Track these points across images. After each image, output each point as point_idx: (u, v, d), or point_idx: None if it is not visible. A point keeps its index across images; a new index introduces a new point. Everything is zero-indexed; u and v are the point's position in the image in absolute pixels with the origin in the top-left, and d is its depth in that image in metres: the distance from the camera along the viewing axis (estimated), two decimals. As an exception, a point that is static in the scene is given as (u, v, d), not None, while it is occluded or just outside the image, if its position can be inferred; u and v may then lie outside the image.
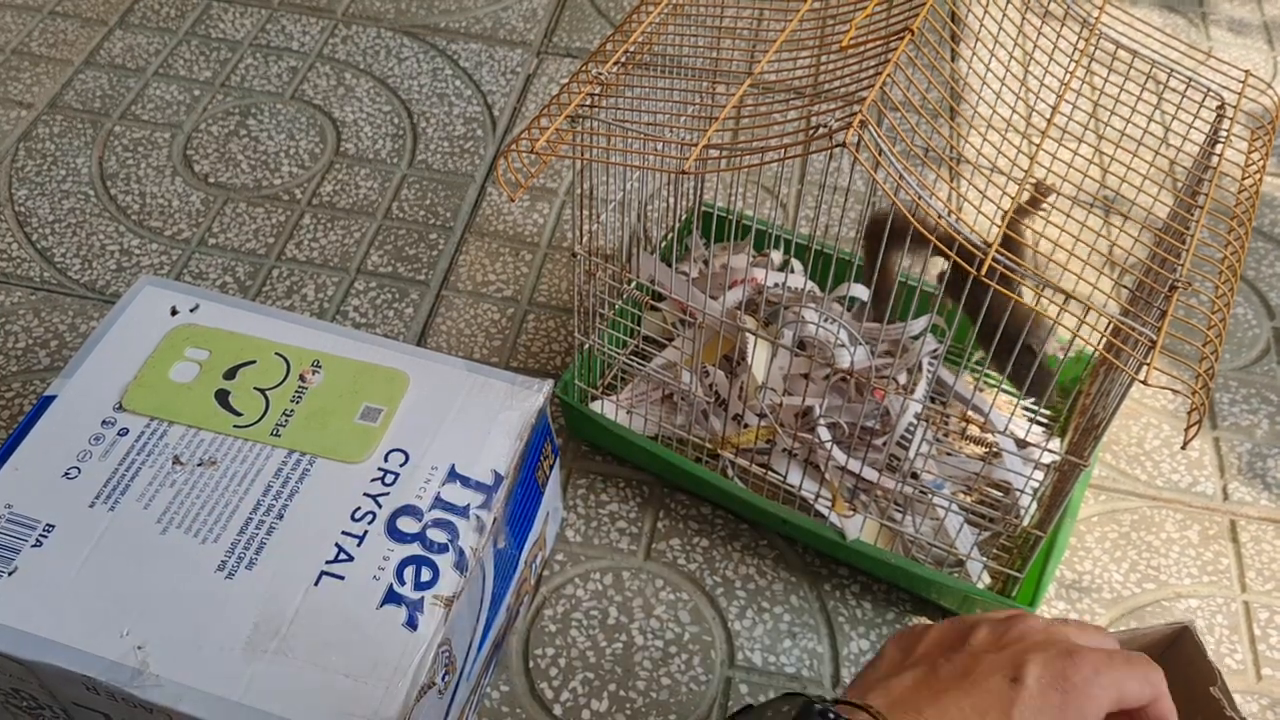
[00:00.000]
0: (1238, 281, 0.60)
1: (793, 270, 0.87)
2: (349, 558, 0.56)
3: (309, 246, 0.98)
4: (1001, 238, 0.56)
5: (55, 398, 0.62)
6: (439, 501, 0.59)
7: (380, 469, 0.60)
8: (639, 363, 0.82)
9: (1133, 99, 0.70)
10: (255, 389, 0.62)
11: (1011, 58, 0.68)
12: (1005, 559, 0.75)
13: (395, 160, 1.07)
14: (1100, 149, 0.71)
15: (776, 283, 0.83)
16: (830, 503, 0.75)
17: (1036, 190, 0.71)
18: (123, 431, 0.60)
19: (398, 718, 0.51)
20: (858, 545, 0.73)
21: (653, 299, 0.84)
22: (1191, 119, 0.68)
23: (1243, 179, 0.66)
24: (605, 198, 0.75)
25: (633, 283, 0.82)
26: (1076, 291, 0.55)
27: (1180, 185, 0.74)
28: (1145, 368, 0.54)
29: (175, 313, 0.67)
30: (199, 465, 0.59)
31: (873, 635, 0.75)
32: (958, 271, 0.57)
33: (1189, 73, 0.69)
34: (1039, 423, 0.82)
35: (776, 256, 0.89)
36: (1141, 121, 0.71)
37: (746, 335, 0.77)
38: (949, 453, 0.79)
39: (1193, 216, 0.61)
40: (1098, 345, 0.63)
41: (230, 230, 0.99)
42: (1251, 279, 1.01)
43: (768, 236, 0.90)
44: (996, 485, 0.77)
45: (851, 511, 0.74)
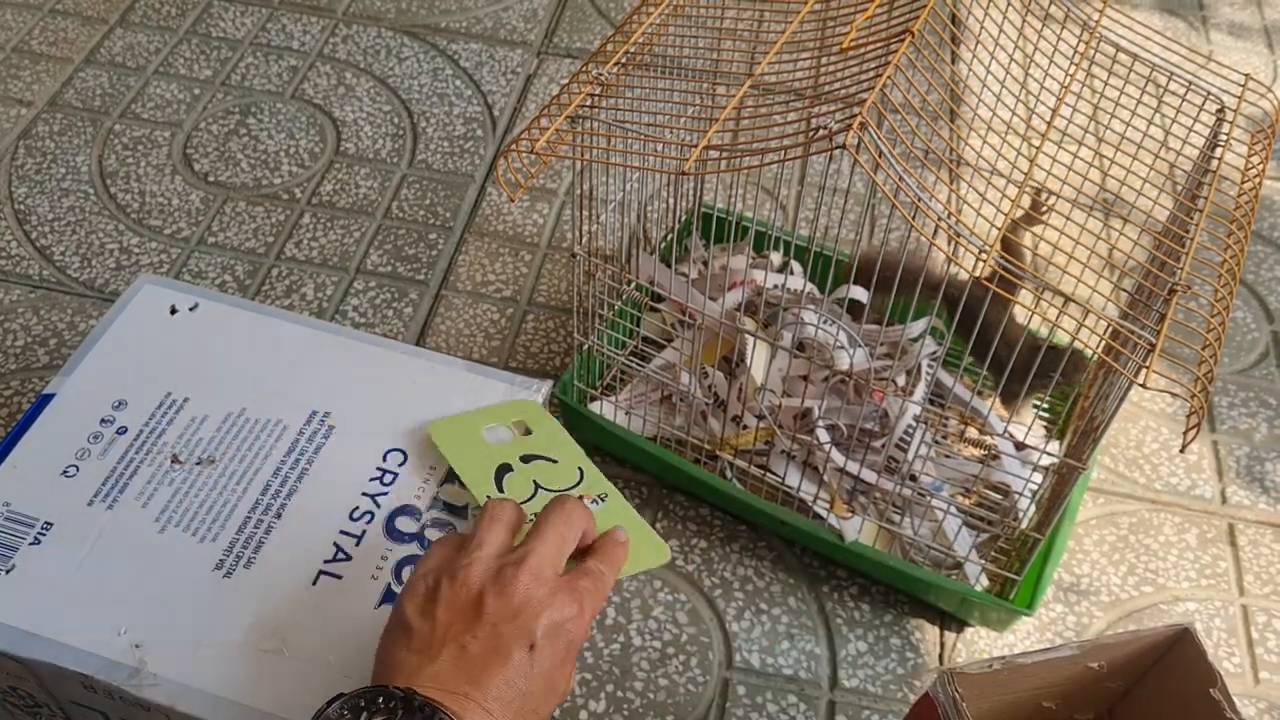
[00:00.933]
0: (1237, 285, 0.60)
1: (792, 272, 0.87)
2: (347, 557, 0.56)
3: (308, 246, 0.98)
4: (999, 244, 0.56)
5: (54, 396, 0.62)
6: (437, 501, 0.59)
7: (379, 469, 0.60)
8: (638, 364, 0.82)
9: (1133, 102, 0.70)
10: (534, 481, 0.59)
11: (1012, 60, 0.68)
12: (1003, 561, 0.75)
13: (395, 160, 1.07)
14: (1100, 152, 0.71)
15: (776, 284, 0.83)
16: (829, 504, 0.75)
17: (1034, 204, 0.71)
18: (121, 430, 0.60)
19: (395, 717, 0.51)
20: (856, 547, 0.73)
21: (652, 300, 0.84)
22: (1191, 122, 0.68)
23: (1242, 182, 0.66)
24: (605, 198, 0.75)
25: (632, 283, 0.82)
26: (1076, 294, 0.55)
27: (1180, 188, 0.74)
28: (1144, 371, 0.54)
29: (174, 311, 0.67)
30: (197, 464, 0.59)
31: (870, 637, 0.75)
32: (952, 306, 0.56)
33: (1189, 76, 0.69)
34: (1043, 417, 0.82)
35: (776, 258, 0.89)
36: (1141, 124, 0.71)
37: (746, 336, 0.77)
38: (948, 455, 0.79)
39: (1192, 220, 0.61)
40: (1097, 348, 0.63)
41: (230, 229, 0.99)
42: (1251, 282, 1.01)
43: (767, 238, 0.90)
44: (995, 487, 0.77)
45: (850, 513, 0.74)
